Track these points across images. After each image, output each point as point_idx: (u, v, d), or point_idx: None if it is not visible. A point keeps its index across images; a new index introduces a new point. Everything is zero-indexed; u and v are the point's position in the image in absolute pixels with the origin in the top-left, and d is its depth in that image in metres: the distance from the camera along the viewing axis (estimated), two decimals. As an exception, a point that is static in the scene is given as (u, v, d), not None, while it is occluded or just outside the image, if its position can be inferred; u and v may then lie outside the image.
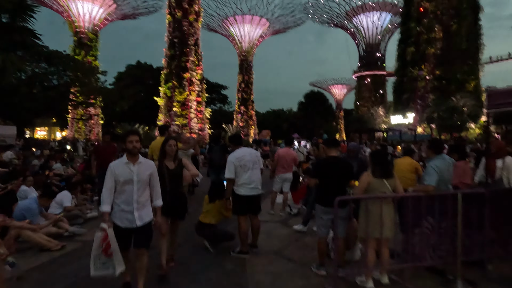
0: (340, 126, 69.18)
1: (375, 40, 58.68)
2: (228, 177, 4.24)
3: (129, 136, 3.14)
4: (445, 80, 35.94)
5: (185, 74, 24.39)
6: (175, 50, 24.59)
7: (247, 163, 4.27)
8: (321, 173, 3.61)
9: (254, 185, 4.30)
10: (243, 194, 4.25)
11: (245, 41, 51.85)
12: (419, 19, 37.71)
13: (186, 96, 24.36)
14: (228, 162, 4.27)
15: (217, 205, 4.67)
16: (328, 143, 3.79)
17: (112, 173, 3.07)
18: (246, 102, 50.01)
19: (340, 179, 3.56)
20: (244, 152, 4.36)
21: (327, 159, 3.71)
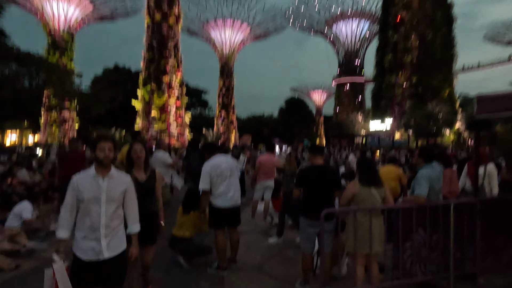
0: (320, 132, 69.86)
1: (354, 48, 59.78)
2: (203, 189, 3.87)
3: (100, 142, 2.48)
4: (421, 88, 36.94)
5: (164, 77, 23.82)
6: (154, 53, 24.01)
7: (224, 171, 3.94)
8: (305, 183, 3.36)
9: (232, 195, 3.97)
10: (221, 206, 3.91)
11: (226, 46, 51.64)
12: (396, 28, 38.70)
13: (165, 100, 23.77)
14: (202, 172, 3.89)
15: (192, 216, 4.30)
16: (312, 150, 3.55)
17: (74, 188, 2.41)
18: (227, 107, 49.67)
19: (326, 189, 3.32)
20: (220, 160, 4.03)
21: (311, 167, 3.47)
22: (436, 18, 37.18)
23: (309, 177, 3.37)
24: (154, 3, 23.91)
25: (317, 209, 3.03)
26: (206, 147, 4.41)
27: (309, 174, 3.40)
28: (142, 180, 3.13)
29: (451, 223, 2.91)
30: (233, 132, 49.56)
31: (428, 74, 36.52)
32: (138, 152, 3.15)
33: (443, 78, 37.01)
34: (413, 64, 37.56)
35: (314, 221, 3.16)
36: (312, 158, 3.49)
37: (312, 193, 3.32)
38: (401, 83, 38.12)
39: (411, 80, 37.60)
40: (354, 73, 59.06)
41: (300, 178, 3.46)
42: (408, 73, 37.68)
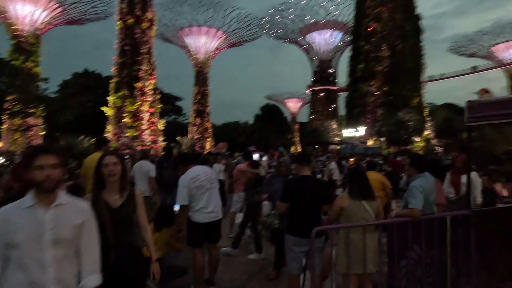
0: (296, 139, 70.46)
1: (328, 57, 61.08)
2: (181, 204, 3.50)
3: (36, 157, 1.72)
4: (392, 96, 38.07)
5: (137, 83, 23.05)
6: (126, 58, 23.22)
7: (203, 183, 3.61)
8: (293, 197, 3.05)
9: (213, 209, 3.64)
10: (201, 221, 3.56)
11: (201, 53, 51.23)
12: (368, 38, 39.81)
13: (137, 107, 22.97)
14: (179, 186, 3.52)
15: (165, 234, 3.85)
16: (299, 159, 3.22)
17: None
18: (201, 114, 49.04)
19: (316, 203, 3.04)
20: (197, 171, 3.69)
21: (299, 178, 3.16)
22: (405, 29, 38.62)
23: (297, 190, 3.04)
24: (127, 6, 23.21)
25: (306, 226, 2.77)
26: (181, 158, 4.04)
27: (297, 187, 3.08)
28: (116, 206, 2.36)
29: (448, 237, 2.74)
30: (208, 140, 48.90)
31: (398, 83, 37.73)
32: (111, 166, 2.34)
33: (412, 88, 38.36)
34: (384, 73, 38.68)
35: (303, 239, 2.88)
36: (299, 168, 3.17)
37: (300, 208, 3.00)
38: (373, 91, 39.13)
39: (383, 89, 38.69)
40: (327, 82, 60.23)
41: (286, 191, 3.11)
42: (380, 82, 38.74)
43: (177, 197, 3.50)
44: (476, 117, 2.97)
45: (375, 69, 38.80)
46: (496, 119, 2.87)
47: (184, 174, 3.65)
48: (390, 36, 38.97)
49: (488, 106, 2.90)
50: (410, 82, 38.01)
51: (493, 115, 2.86)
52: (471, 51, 59.67)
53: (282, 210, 3.11)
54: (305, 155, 3.32)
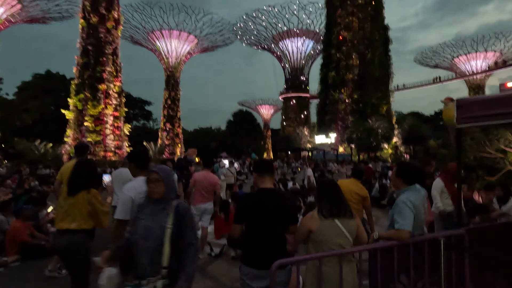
0: (268, 145, 70.39)
1: (300, 64, 61.74)
2: (118, 218, 2.72)
3: None
4: (361, 104, 38.83)
5: (100, 85, 21.73)
6: (89, 59, 21.86)
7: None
8: (249, 216, 2.36)
9: None
10: None
11: (172, 57, 50.07)
12: (339, 47, 40.54)
13: (101, 110, 21.61)
14: (121, 199, 2.78)
15: None
16: (258, 168, 2.53)
17: None
18: (172, 119, 47.74)
19: (278, 225, 2.35)
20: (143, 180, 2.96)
21: (258, 193, 2.45)
22: (374, 39, 39.63)
23: (254, 207, 2.34)
24: (90, 4, 21.94)
25: (265, 254, 2.19)
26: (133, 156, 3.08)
27: (254, 204, 2.36)
28: None
29: (442, 263, 2.24)
30: (179, 146, 47.60)
31: (367, 91, 38.57)
32: None
33: (381, 96, 39.32)
34: (355, 81, 39.46)
35: (261, 271, 2.25)
36: (258, 179, 2.48)
37: (258, 231, 2.34)
38: (344, 99, 39.78)
39: (353, 96, 39.40)
40: (300, 89, 60.81)
41: (240, 210, 2.43)
42: (350, 89, 39.45)
43: (117, 210, 2.77)
44: (467, 117, 2.54)
45: (346, 77, 39.48)
46: (492, 120, 2.43)
47: (130, 182, 2.87)
48: (359, 45, 39.90)
49: (481, 105, 2.47)
50: (378, 90, 38.98)
51: (487, 115, 2.43)
52: (435, 62, 62.40)
53: (235, 234, 2.41)
54: (265, 163, 2.56)
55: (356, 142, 35.15)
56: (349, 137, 36.02)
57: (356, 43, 40.21)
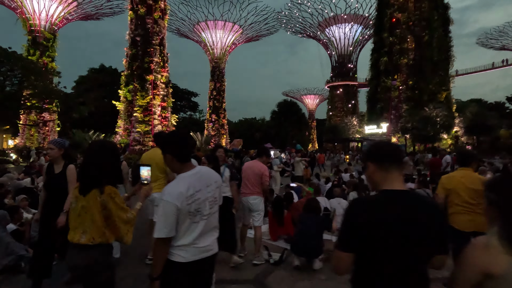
0: (313, 136, 68.84)
1: (347, 51, 59.12)
2: (160, 237, 1.89)
3: None
4: (417, 90, 35.94)
5: (148, 76, 22.01)
6: (137, 50, 22.22)
7: (205, 204, 2.02)
8: (371, 241, 1.34)
9: (208, 241, 2.08)
10: (187, 259, 1.96)
11: (217, 48, 50.27)
12: (391, 30, 37.74)
13: (149, 101, 21.94)
14: (163, 206, 1.91)
15: None
16: (381, 155, 1.51)
17: None
18: (217, 110, 48.11)
19: (422, 256, 1.39)
20: (197, 179, 2.03)
21: (383, 199, 1.41)
22: (432, 19, 36.27)
23: (383, 225, 1.33)
24: (138, -4, 22.24)
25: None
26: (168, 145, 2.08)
27: (383, 219, 1.34)
28: None
29: None
30: (224, 136, 47.92)
31: (424, 76, 35.54)
32: None
33: (439, 81, 36.06)
34: (409, 66, 36.60)
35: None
36: (379, 173, 1.46)
37: (390, 267, 1.34)
38: (397, 85, 37.09)
39: (407, 82, 36.61)
40: (347, 77, 58.34)
41: (355, 227, 1.36)
42: (404, 75, 36.66)
43: (156, 226, 1.91)
44: None
45: (399, 62, 36.69)
46: None
47: (171, 184, 1.99)
48: (415, 27, 36.80)
49: None
50: (436, 75, 35.76)
51: None
52: (501, 43, 56.32)
53: (341, 268, 1.42)
54: (391, 147, 1.51)
55: (411, 132, 32.68)
56: (403, 127, 33.60)
57: (411, 25, 37.15)
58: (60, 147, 3.64)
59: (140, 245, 4.57)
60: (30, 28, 35.57)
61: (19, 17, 36.29)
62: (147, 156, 4.48)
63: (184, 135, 2.10)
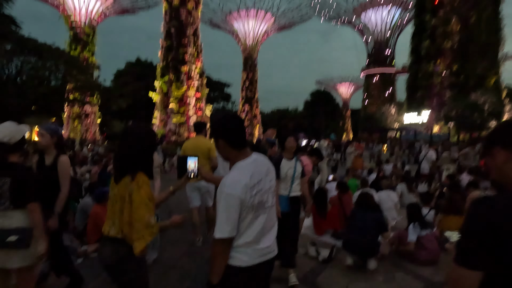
0: (347, 126, 67.08)
1: (384, 37, 56.50)
2: (222, 237, 1.64)
3: None
4: (463, 76, 33.62)
5: (182, 67, 22.19)
6: (172, 41, 22.42)
7: (267, 195, 1.77)
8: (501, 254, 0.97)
9: (269, 241, 1.78)
10: (248, 263, 1.70)
11: (249, 37, 49.91)
12: (434, 11, 35.43)
13: (184, 92, 22.15)
14: (225, 200, 1.64)
15: None
16: None
17: None
18: (250, 100, 48.03)
19: None
20: (257, 167, 1.77)
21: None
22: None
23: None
24: (172, -13, 22.33)
25: None
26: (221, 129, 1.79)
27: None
28: None
29: None
30: (257, 127, 47.82)
31: (471, 60, 33.13)
32: None
33: (488, 65, 33.44)
34: (454, 50, 34.28)
35: None
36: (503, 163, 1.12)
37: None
38: (440, 71, 34.90)
39: (452, 67, 34.36)
40: (384, 64, 55.90)
41: (489, 235, 0.99)
42: (448, 60, 34.40)
43: (218, 223, 1.64)
44: None
45: (443, 46, 34.43)
46: None
47: (231, 174, 1.71)
48: (461, 7, 34.22)
49: None
50: (485, 59, 33.17)
51: None
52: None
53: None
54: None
55: (456, 120, 30.68)
56: (446, 115, 31.63)
57: (456, 5, 34.60)
58: (52, 134, 3.07)
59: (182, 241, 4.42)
60: (71, 24, 37.09)
61: (61, 14, 37.94)
62: (190, 145, 4.35)
63: (238, 118, 1.84)
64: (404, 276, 3.82)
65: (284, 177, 3.63)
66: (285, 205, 3.59)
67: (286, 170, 3.64)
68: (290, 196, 3.64)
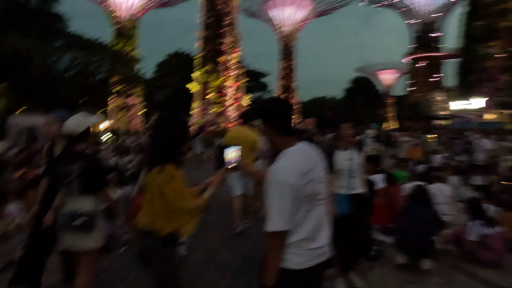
0: (389, 114, 64.33)
1: (431, 19, 53.07)
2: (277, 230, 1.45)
3: None
4: (521, 58, 30.71)
5: (220, 57, 22.25)
6: (209, 32, 22.52)
7: (319, 185, 1.58)
8: None
9: (324, 239, 1.62)
10: (302, 266, 1.51)
11: (286, 25, 49.12)
12: (489, -12, 32.49)
13: (221, 82, 22.24)
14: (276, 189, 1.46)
15: None
16: None
17: None
18: (288, 89, 47.49)
19: None
20: (306, 154, 1.62)
21: None
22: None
23: None
24: (210, -23, 22.31)
25: None
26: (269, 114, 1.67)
27: None
28: None
29: None
30: (294, 116, 47.28)
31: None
32: None
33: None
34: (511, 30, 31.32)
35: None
36: None
37: None
38: (495, 53, 32.12)
39: (508, 50, 31.48)
40: (430, 47, 52.58)
41: None
42: (505, 41, 31.52)
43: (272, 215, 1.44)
44: None
45: (499, 26, 31.56)
46: None
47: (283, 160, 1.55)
48: (520, -18, 31.02)
49: None
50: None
51: None
52: None
53: None
54: None
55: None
56: (502, 101, 29.22)
57: (514, -20, 31.52)
58: (62, 122, 2.81)
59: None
60: (114, 19, 38.57)
61: (105, 10, 39.56)
62: (233, 135, 4.24)
63: (287, 103, 1.73)
64: (464, 278, 3.45)
65: (339, 171, 3.08)
66: (346, 205, 2.99)
67: (342, 163, 3.08)
68: (351, 193, 3.07)
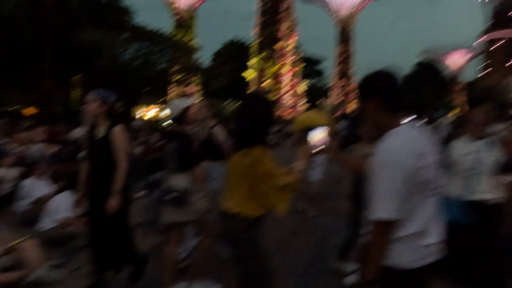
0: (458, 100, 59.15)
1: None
2: (384, 218, 1.28)
3: None
4: None
5: (277, 43, 22.03)
6: (266, 18, 22.34)
7: (432, 173, 1.34)
8: None
9: (439, 235, 1.38)
10: (414, 265, 1.30)
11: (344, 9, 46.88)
12: None
13: (278, 68, 22.06)
14: (383, 171, 1.29)
15: None
16: None
17: None
18: (345, 75, 45.78)
19: None
20: (420, 134, 1.40)
21: None
22: None
23: None
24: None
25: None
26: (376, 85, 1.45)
27: None
28: None
29: None
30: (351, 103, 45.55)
31: None
32: None
33: None
34: None
35: None
36: None
37: None
38: None
39: None
40: (509, 26, 46.87)
41: None
42: None
43: (380, 201, 1.29)
44: None
45: None
46: None
47: (391, 138, 1.34)
48: None
49: None
50: None
51: None
52: None
53: None
54: None
55: None
56: None
57: None
58: (104, 101, 2.72)
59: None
60: (174, 11, 40.01)
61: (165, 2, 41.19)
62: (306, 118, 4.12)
63: (395, 74, 1.43)
64: None
65: (456, 166, 2.36)
66: (459, 211, 2.28)
67: (462, 156, 2.35)
68: (472, 200, 2.32)
